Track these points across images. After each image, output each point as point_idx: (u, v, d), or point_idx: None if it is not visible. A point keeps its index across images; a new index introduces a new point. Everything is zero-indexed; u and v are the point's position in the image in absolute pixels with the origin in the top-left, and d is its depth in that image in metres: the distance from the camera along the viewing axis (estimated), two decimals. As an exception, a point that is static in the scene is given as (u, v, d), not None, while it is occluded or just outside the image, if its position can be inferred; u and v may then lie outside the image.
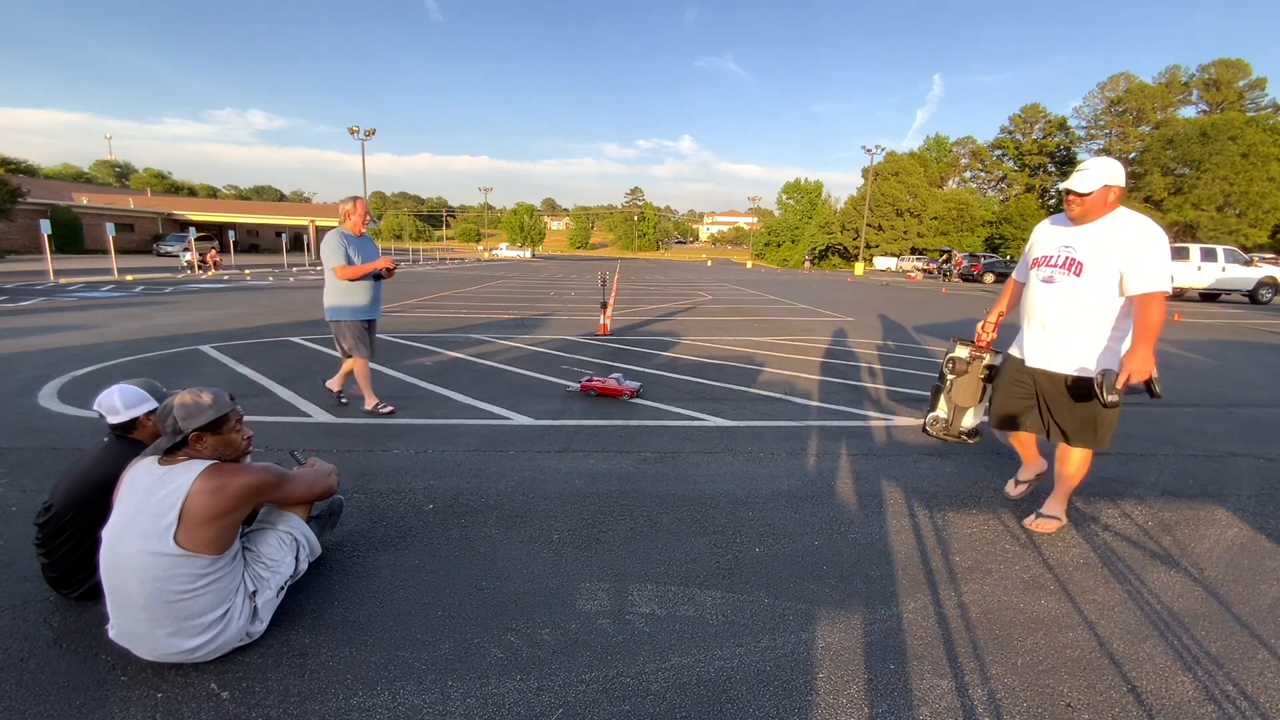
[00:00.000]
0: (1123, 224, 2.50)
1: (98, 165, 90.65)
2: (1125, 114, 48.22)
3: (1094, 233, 2.54)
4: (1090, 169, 2.49)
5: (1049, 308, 2.66)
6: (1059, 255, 2.63)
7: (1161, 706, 1.78)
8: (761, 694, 1.80)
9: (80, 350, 6.81)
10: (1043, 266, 2.68)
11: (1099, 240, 2.52)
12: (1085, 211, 2.53)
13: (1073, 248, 2.58)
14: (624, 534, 2.78)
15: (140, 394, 2.20)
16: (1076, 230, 2.60)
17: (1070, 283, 2.58)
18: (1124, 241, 2.46)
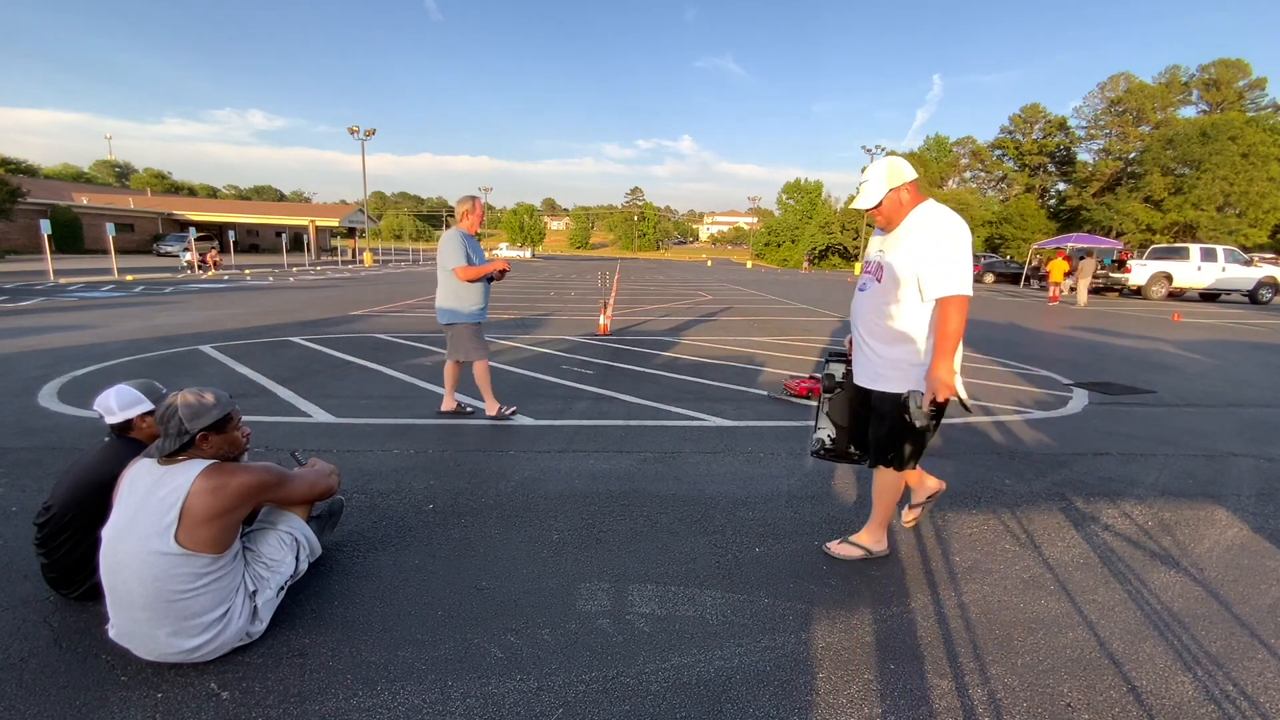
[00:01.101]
0: (922, 222, 2.28)
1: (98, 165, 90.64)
2: (1125, 114, 48.15)
3: (897, 234, 2.36)
4: (869, 180, 2.34)
5: (857, 318, 2.48)
6: (872, 262, 2.44)
7: (1161, 706, 1.78)
8: (761, 694, 1.80)
9: (80, 350, 6.81)
10: (861, 276, 2.51)
11: (899, 241, 2.33)
12: (888, 220, 2.37)
13: (882, 252, 2.39)
14: (624, 534, 2.78)
15: (135, 395, 2.20)
16: (886, 236, 2.43)
17: (874, 289, 2.39)
18: (915, 242, 2.26)
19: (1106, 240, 28.06)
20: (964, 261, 2.20)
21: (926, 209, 2.30)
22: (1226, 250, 19.85)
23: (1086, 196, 46.96)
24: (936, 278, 2.21)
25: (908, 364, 2.34)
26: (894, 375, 2.36)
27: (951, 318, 2.20)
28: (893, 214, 2.34)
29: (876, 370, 2.40)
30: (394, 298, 14.13)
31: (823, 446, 2.74)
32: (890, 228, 2.37)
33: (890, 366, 2.36)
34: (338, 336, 8.14)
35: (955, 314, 2.20)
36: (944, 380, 2.22)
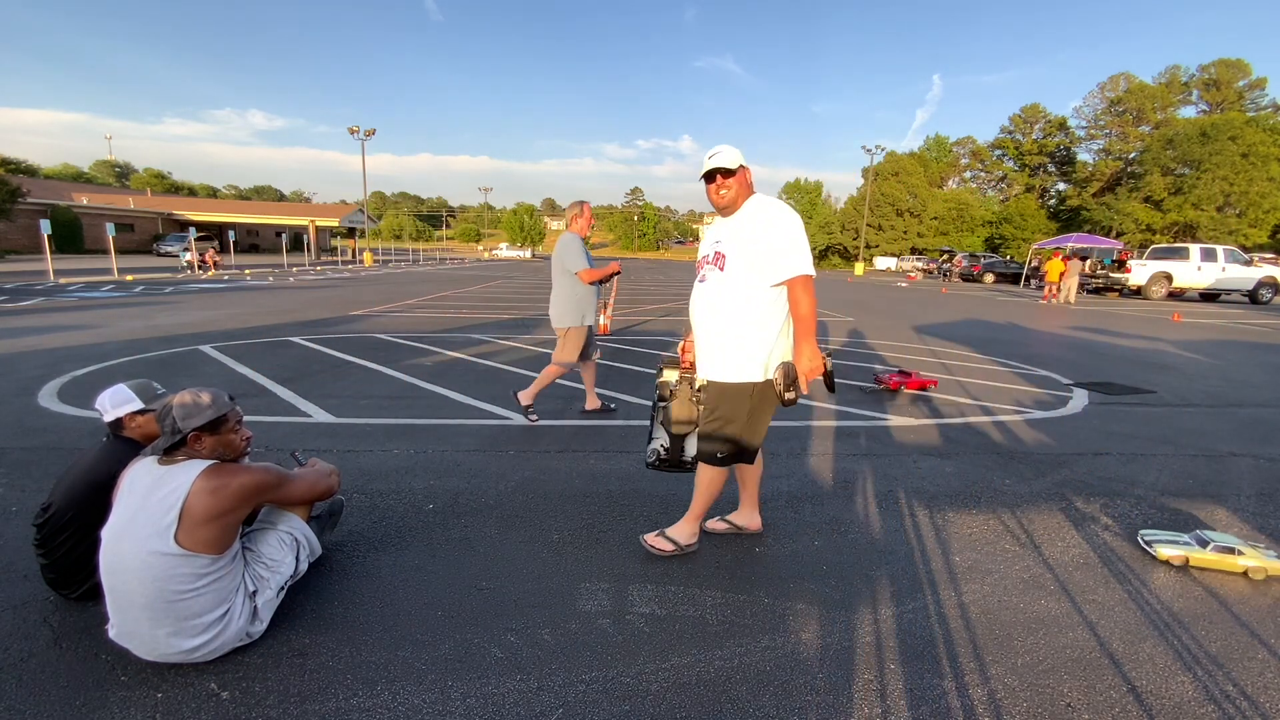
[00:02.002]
0: (759, 208, 2.33)
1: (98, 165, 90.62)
2: (1125, 114, 48.17)
3: (738, 221, 2.35)
4: (724, 150, 2.30)
5: (701, 309, 2.43)
6: (710, 252, 2.41)
7: (1161, 706, 1.78)
8: (761, 694, 1.80)
9: (80, 350, 6.81)
10: (700, 269, 2.47)
11: (741, 228, 2.33)
12: (734, 196, 2.32)
13: (721, 241, 2.37)
14: (624, 534, 2.78)
15: (126, 394, 2.19)
16: (725, 223, 2.41)
17: (717, 279, 2.36)
18: (756, 228, 2.29)
19: (1106, 240, 28.07)
20: (804, 243, 2.27)
21: (761, 198, 2.37)
22: (1226, 250, 19.85)
23: (1086, 196, 46.98)
24: (782, 261, 2.24)
25: (757, 351, 2.35)
26: (744, 364, 2.35)
27: (802, 299, 2.24)
28: (739, 193, 2.33)
29: (724, 361, 2.38)
30: (394, 298, 14.14)
31: (658, 457, 2.66)
32: (731, 211, 2.36)
33: (739, 355, 2.35)
34: (338, 336, 8.14)
35: (805, 294, 2.24)
36: (812, 360, 2.24)
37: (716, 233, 2.43)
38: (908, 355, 7.88)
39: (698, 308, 2.45)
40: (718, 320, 2.36)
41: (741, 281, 2.31)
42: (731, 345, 2.35)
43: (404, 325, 9.57)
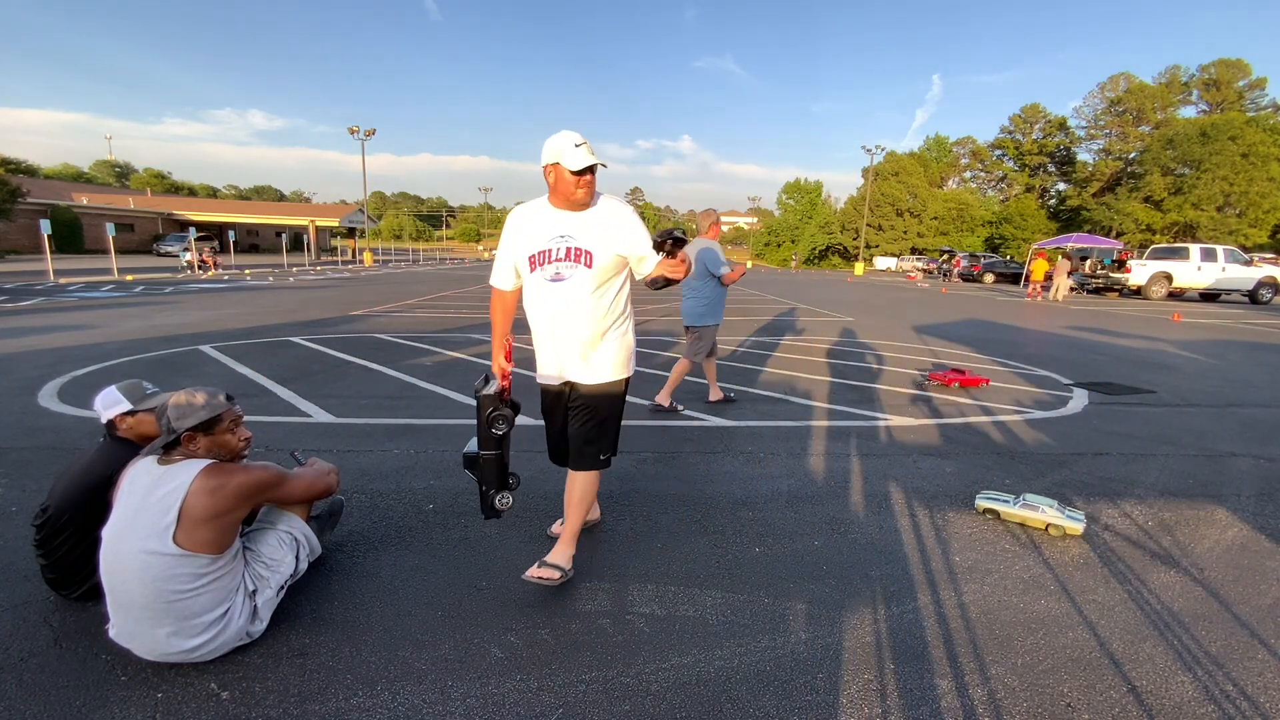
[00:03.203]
0: (614, 205, 2.25)
1: (98, 165, 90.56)
2: (1125, 114, 48.16)
3: (589, 217, 2.21)
4: (586, 145, 2.12)
5: (563, 311, 2.24)
6: (559, 247, 2.19)
7: (1161, 706, 1.78)
8: (761, 694, 1.80)
9: (80, 350, 6.80)
10: (546, 264, 2.21)
11: (597, 224, 2.20)
12: (589, 194, 2.17)
13: (572, 236, 2.19)
14: (624, 534, 2.78)
15: (115, 396, 2.20)
16: (570, 217, 2.21)
17: (582, 277, 2.19)
18: (614, 221, 2.21)
19: (1106, 240, 28.07)
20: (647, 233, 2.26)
21: (609, 196, 2.29)
22: (1226, 250, 19.84)
23: (1086, 196, 46.99)
24: (646, 254, 2.23)
25: (631, 344, 2.40)
26: (626, 360, 2.37)
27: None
28: (595, 192, 2.22)
29: (604, 361, 2.31)
30: (394, 298, 14.14)
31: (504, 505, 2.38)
32: (585, 205, 2.20)
33: (621, 353, 2.35)
34: (338, 336, 8.13)
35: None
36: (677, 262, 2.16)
37: (557, 226, 2.21)
38: (908, 355, 7.88)
39: (560, 311, 2.24)
40: (591, 320, 2.24)
41: (612, 278, 2.26)
42: (612, 344, 2.32)
43: (404, 325, 9.57)
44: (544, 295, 2.25)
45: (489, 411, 2.22)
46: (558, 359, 2.33)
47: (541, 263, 2.21)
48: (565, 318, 2.24)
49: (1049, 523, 2.89)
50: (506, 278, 2.39)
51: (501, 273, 2.40)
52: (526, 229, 2.25)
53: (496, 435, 2.25)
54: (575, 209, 2.20)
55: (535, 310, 2.31)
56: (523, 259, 2.26)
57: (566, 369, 2.32)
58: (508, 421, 2.25)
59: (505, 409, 2.24)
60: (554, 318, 2.26)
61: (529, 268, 2.24)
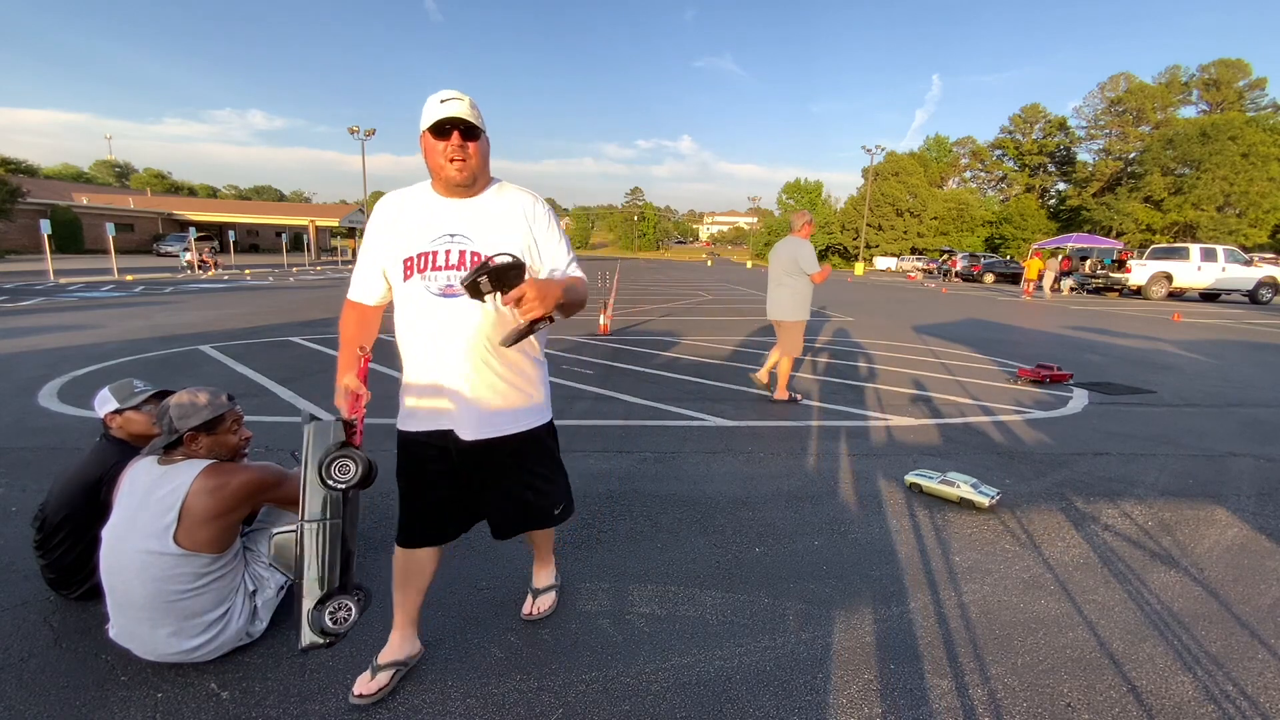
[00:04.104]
0: (520, 198, 1.70)
1: (98, 165, 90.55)
2: (1125, 114, 48.16)
3: (485, 208, 1.65)
4: (457, 99, 1.56)
5: (462, 334, 1.63)
6: (446, 250, 1.61)
7: (1161, 706, 1.78)
8: (761, 694, 1.80)
9: (80, 350, 6.80)
10: (426, 272, 1.62)
11: (496, 216, 1.65)
12: (476, 171, 1.60)
13: (464, 236, 1.61)
14: (624, 534, 2.78)
15: (104, 395, 2.20)
16: (458, 208, 1.63)
17: None
18: (520, 218, 1.67)
19: (1106, 240, 28.07)
20: (568, 240, 1.79)
21: (510, 184, 1.74)
22: (1226, 250, 19.84)
23: (1086, 196, 46.97)
24: (566, 261, 1.72)
25: (538, 382, 1.81)
26: (547, 396, 1.83)
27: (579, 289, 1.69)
28: (481, 168, 1.63)
29: (525, 401, 1.75)
30: (394, 298, 14.13)
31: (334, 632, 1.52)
32: (471, 189, 1.63)
33: (542, 388, 1.81)
34: (338, 336, 8.13)
35: (583, 289, 1.72)
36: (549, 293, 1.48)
37: (441, 222, 1.63)
38: (908, 355, 7.88)
39: (451, 335, 1.64)
40: (492, 350, 1.67)
41: None
42: (531, 379, 1.77)
43: (404, 325, 9.55)
44: (427, 313, 1.63)
45: (326, 454, 1.45)
46: (444, 401, 1.70)
47: (422, 268, 1.61)
48: (458, 344, 1.63)
49: (961, 496, 3.14)
50: (371, 288, 1.76)
51: (364, 282, 1.76)
52: (400, 223, 1.66)
53: (338, 489, 1.45)
54: (462, 194, 1.64)
55: (413, 331, 1.69)
56: (395, 262, 1.65)
57: (461, 418, 1.68)
58: (358, 467, 1.48)
59: (354, 450, 1.48)
60: (441, 343, 1.65)
61: (403, 274, 1.63)
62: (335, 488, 1.44)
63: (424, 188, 1.68)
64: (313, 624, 1.43)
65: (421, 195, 1.67)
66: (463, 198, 1.64)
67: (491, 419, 1.71)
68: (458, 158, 1.55)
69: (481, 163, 1.61)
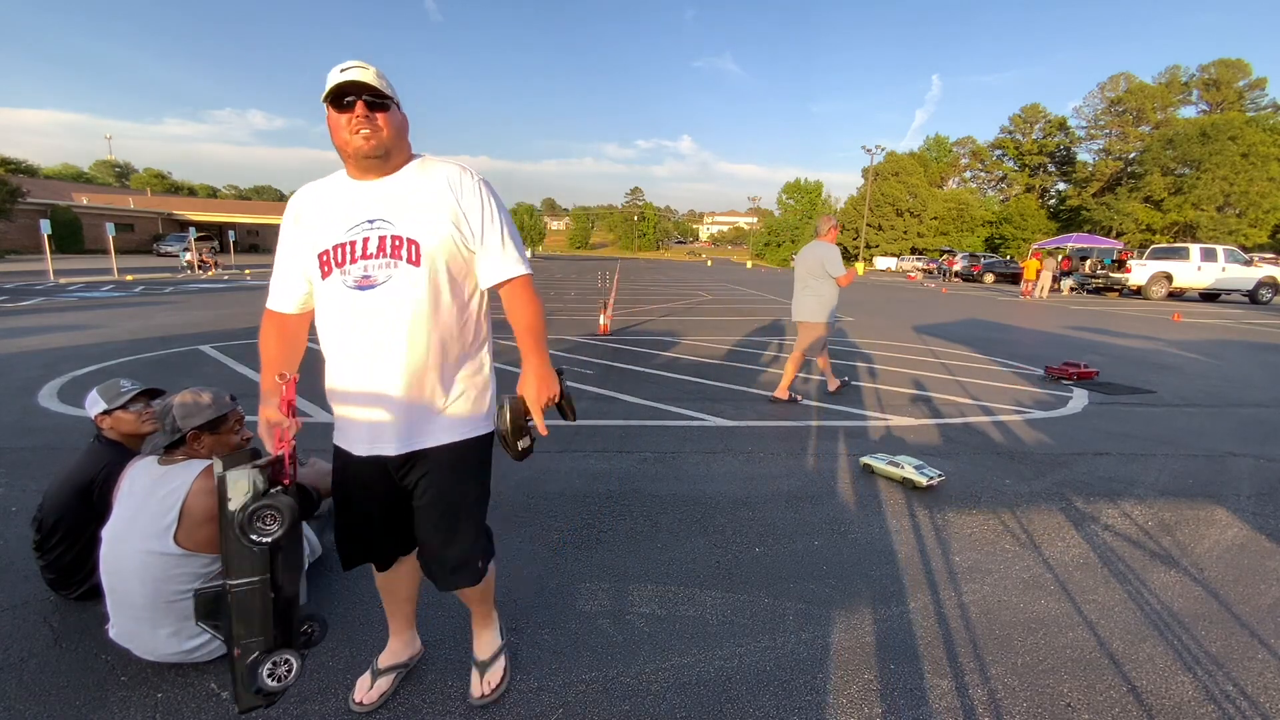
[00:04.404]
0: (445, 173, 1.47)
1: (98, 165, 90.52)
2: (1125, 114, 48.19)
3: (406, 185, 1.45)
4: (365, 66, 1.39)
5: (388, 331, 1.41)
6: (362, 236, 1.41)
7: (1161, 706, 1.78)
8: (761, 694, 1.80)
9: (80, 350, 6.80)
10: (345, 265, 1.41)
11: (421, 193, 1.44)
12: (388, 143, 1.41)
13: (385, 220, 1.42)
14: (624, 534, 2.78)
15: (93, 396, 2.20)
16: (376, 190, 1.44)
17: (410, 278, 1.41)
18: (446, 200, 1.44)
19: (1106, 240, 28.08)
20: (514, 227, 1.54)
21: (435, 159, 1.52)
22: (1226, 250, 19.83)
23: (1086, 196, 47.00)
24: (499, 256, 1.49)
25: (489, 386, 1.61)
26: (482, 410, 1.58)
27: (530, 306, 1.55)
28: (396, 142, 1.44)
29: (436, 411, 1.49)
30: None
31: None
32: (385, 166, 1.44)
33: (472, 397, 1.55)
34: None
35: (534, 297, 1.56)
36: (546, 382, 1.55)
37: (357, 206, 1.44)
38: (908, 355, 7.87)
39: (372, 327, 1.41)
40: (427, 344, 1.44)
41: (447, 284, 1.45)
42: (466, 380, 1.54)
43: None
44: (346, 309, 1.42)
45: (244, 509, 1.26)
46: (372, 411, 1.47)
47: (340, 261, 1.42)
48: (384, 343, 1.42)
49: (904, 476, 3.39)
50: (289, 293, 1.53)
51: (281, 287, 1.53)
52: (315, 215, 1.47)
53: (259, 546, 1.27)
54: (377, 172, 1.45)
55: (333, 333, 1.46)
56: (312, 259, 1.45)
57: (389, 427, 1.47)
58: (283, 518, 1.27)
59: (278, 497, 1.28)
60: (364, 343, 1.43)
61: (320, 271, 1.44)
62: (259, 544, 1.26)
63: (339, 175, 1.51)
64: (247, 685, 1.29)
65: (335, 183, 1.50)
66: (379, 177, 1.46)
67: (424, 426, 1.49)
68: (364, 126, 1.38)
69: (394, 135, 1.43)
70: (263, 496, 1.28)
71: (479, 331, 1.57)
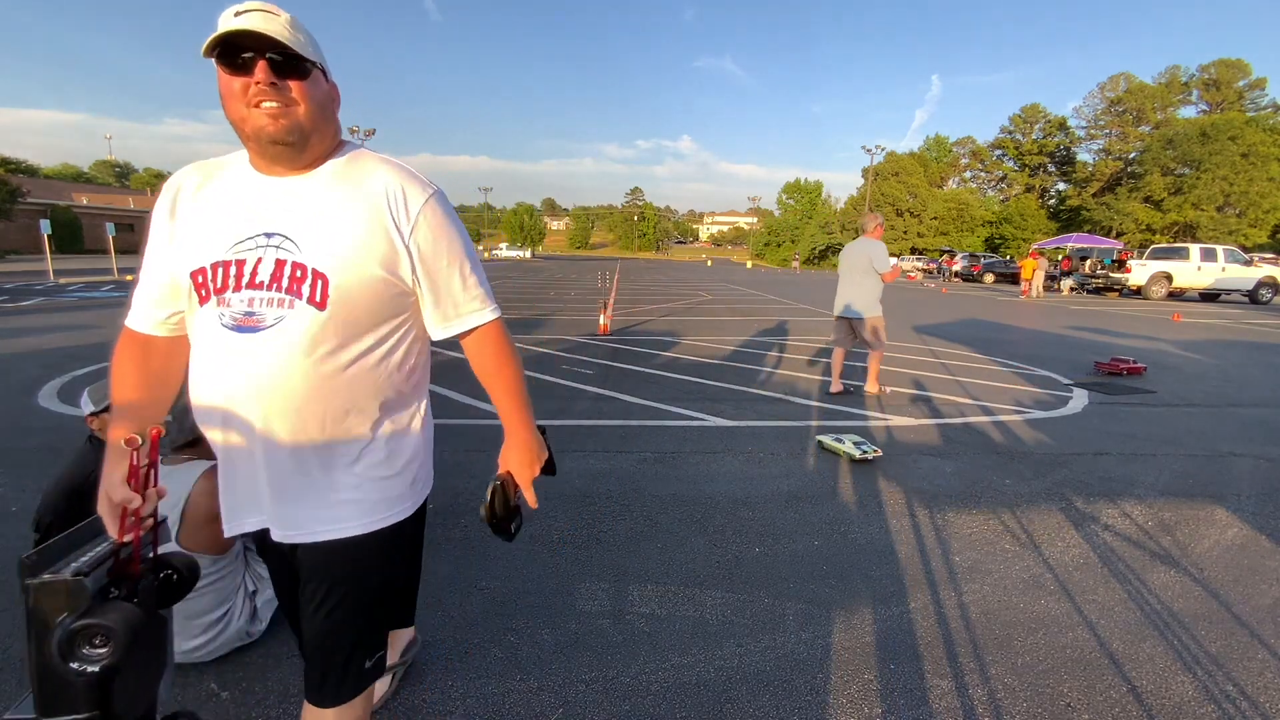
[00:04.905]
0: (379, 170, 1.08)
1: (98, 165, 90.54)
2: (1125, 114, 48.22)
3: (323, 195, 1.04)
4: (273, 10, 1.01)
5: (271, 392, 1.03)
6: (254, 257, 1.03)
7: (1161, 706, 1.78)
8: (761, 694, 1.80)
9: (80, 350, 6.80)
10: (226, 294, 1.03)
11: (343, 216, 1.03)
12: (304, 125, 1.01)
13: (287, 239, 1.02)
14: (624, 534, 2.78)
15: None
16: (280, 189, 1.05)
17: (305, 324, 1.02)
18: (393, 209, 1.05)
19: (1106, 240, 28.09)
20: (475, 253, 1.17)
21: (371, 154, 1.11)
22: (1226, 250, 19.84)
23: (1086, 196, 47.04)
24: (459, 295, 1.12)
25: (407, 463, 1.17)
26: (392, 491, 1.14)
27: (509, 352, 1.20)
28: (316, 122, 1.02)
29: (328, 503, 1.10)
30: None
31: None
32: (301, 160, 1.04)
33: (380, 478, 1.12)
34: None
35: (510, 345, 1.21)
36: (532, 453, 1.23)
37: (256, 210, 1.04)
38: (907, 355, 7.87)
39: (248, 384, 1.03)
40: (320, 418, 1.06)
41: (366, 335, 1.06)
42: (371, 464, 1.11)
43: (404, 325, 9.54)
44: (219, 353, 1.04)
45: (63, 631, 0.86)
46: (242, 488, 1.15)
47: (220, 287, 1.02)
48: (264, 409, 1.04)
49: (844, 450, 3.78)
50: (156, 309, 1.12)
51: (146, 301, 1.13)
52: (193, 214, 1.07)
53: (85, 677, 0.87)
54: (288, 165, 1.03)
55: (202, 381, 1.07)
56: (184, 275, 1.05)
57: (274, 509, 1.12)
58: (118, 639, 0.87)
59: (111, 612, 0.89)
60: (238, 403, 1.04)
61: (196, 294, 1.04)
62: (85, 672, 0.86)
63: (239, 159, 1.07)
64: None
65: (232, 171, 1.06)
66: (290, 173, 1.02)
67: (313, 515, 1.09)
68: (269, 98, 0.95)
69: (315, 114, 0.99)
70: (88, 612, 0.86)
71: (413, 388, 1.17)
